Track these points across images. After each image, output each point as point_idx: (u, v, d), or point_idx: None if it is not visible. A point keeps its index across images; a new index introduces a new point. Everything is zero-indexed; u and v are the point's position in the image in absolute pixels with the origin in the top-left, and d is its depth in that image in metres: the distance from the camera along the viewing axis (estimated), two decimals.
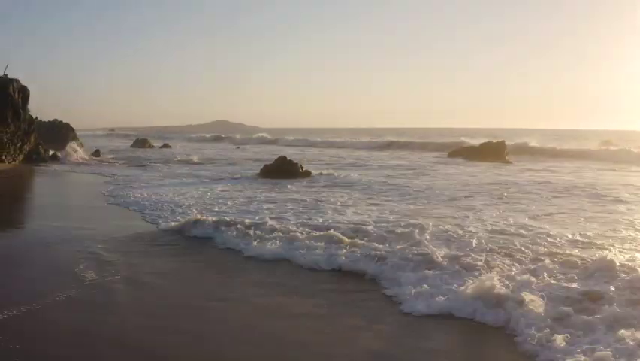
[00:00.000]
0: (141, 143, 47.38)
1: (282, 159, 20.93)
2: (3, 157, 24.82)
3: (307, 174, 20.14)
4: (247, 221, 10.34)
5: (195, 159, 31.31)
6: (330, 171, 21.47)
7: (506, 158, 31.64)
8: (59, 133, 42.37)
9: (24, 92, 27.19)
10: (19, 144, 26.29)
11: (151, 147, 46.67)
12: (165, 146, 45.05)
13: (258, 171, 20.96)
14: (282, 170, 20.41)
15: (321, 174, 20.74)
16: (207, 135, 75.63)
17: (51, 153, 31.07)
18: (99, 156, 32.33)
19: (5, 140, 25.26)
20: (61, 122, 44.06)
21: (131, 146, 47.35)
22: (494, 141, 33.95)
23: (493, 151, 31.66)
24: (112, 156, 34.00)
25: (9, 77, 26.44)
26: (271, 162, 21.29)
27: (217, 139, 69.21)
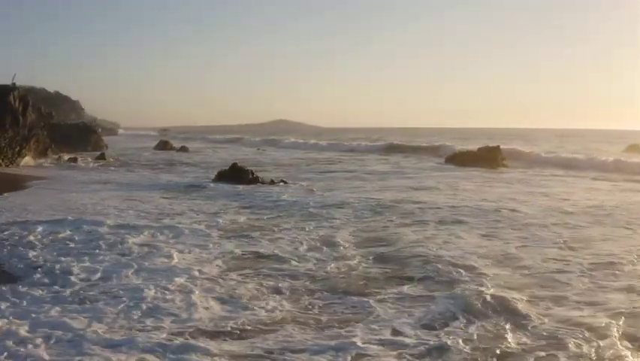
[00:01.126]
0: (162, 145, 49.36)
1: (234, 166, 21.84)
2: (1, 162, 26.74)
3: (255, 180, 20.82)
4: None
5: (185, 159, 32.57)
6: (291, 182, 21.92)
7: (502, 163, 31.19)
8: (83, 135, 44.90)
9: (24, 100, 29.22)
10: (18, 148, 28.20)
11: (172, 148, 48.41)
12: (182, 149, 46.70)
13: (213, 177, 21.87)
14: (234, 176, 21.28)
15: (272, 182, 21.28)
16: (256, 139, 72.58)
17: (56, 156, 33.02)
18: (104, 159, 33.98)
19: (3, 145, 27.24)
20: (85, 124, 46.65)
21: (154, 148, 49.36)
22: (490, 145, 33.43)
23: (487, 156, 31.20)
24: (117, 158, 35.65)
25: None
26: (226, 168, 22.17)
27: (266, 142, 66.70)
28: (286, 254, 9.36)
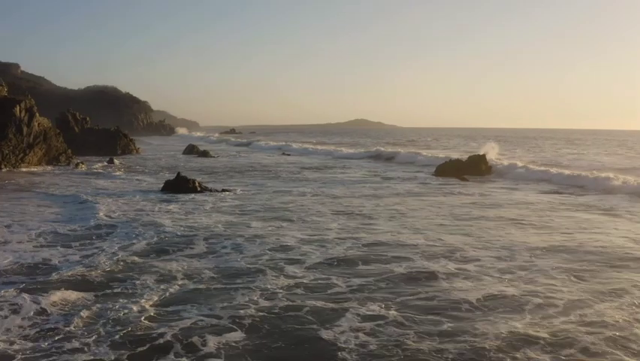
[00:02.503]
0: (189, 149, 51.81)
1: (178, 175, 23.25)
2: (3, 166, 29.80)
3: (194, 190, 22.14)
4: None
5: (193, 164, 34.44)
6: (239, 190, 23.11)
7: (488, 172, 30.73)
8: (112, 140, 48.19)
9: (30, 111, 32.24)
10: (21, 155, 31.22)
11: (196, 153, 50.63)
12: (203, 154, 48.85)
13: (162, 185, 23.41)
14: (179, 186, 22.66)
15: (223, 190, 22.60)
16: (292, 147, 74.48)
17: (67, 161, 35.89)
18: (112, 163, 36.51)
19: (7, 152, 30.33)
20: (113, 129, 49.92)
21: (183, 153, 51.87)
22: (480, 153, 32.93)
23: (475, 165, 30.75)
24: (124, 163, 38.13)
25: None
26: (172, 178, 23.59)
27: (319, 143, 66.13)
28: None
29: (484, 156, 32.18)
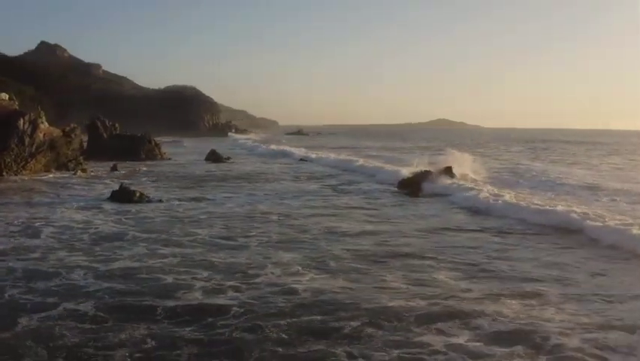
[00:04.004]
0: (210, 155, 53.93)
1: (120, 186, 25.35)
2: (4, 173, 33.19)
3: (141, 199, 24.21)
4: None
5: (197, 172, 36.57)
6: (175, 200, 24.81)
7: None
8: (137, 146, 51.47)
9: (34, 123, 35.55)
10: (23, 163, 34.57)
11: (221, 160, 52.38)
12: (221, 160, 51.02)
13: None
14: (123, 195, 24.71)
15: (160, 201, 24.43)
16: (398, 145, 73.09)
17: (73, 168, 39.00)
18: (116, 170, 39.29)
19: (9, 160, 33.75)
20: (141, 136, 53.17)
21: (205, 159, 53.89)
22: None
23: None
24: (131, 170, 40.88)
25: None
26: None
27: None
28: None
29: (428, 171, 31.81)
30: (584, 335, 9.00)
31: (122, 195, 24.71)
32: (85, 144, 47.64)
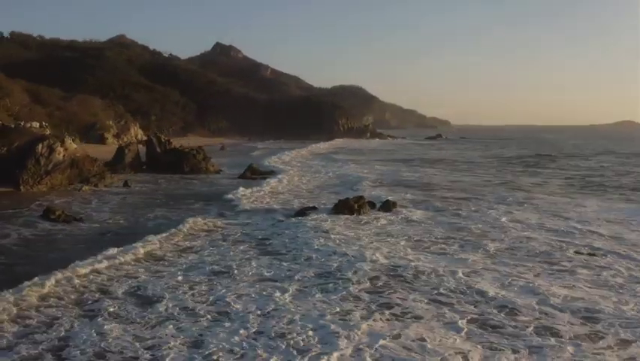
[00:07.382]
0: (247, 168, 57.83)
1: (46, 208, 30.92)
2: (22, 187, 41.59)
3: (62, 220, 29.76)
4: None
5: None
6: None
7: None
8: (179, 160, 58.08)
9: (51, 147, 43.52)
10: (38, 179, 42.71)
11: (254, 176, 55.99)
12: (269, 173, 55.38)
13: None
14: (49, 215, 30.41)
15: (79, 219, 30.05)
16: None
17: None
18: (128, 186, 45.97)
19: (26, 177, 42.08)
20: (184, 150, 59.52)
21: (239, 177, 56.42)
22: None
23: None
24: (143, 184, 47.19)
25: None
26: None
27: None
28: None
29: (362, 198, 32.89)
30: None
31: (49, 215, 30.29)
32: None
